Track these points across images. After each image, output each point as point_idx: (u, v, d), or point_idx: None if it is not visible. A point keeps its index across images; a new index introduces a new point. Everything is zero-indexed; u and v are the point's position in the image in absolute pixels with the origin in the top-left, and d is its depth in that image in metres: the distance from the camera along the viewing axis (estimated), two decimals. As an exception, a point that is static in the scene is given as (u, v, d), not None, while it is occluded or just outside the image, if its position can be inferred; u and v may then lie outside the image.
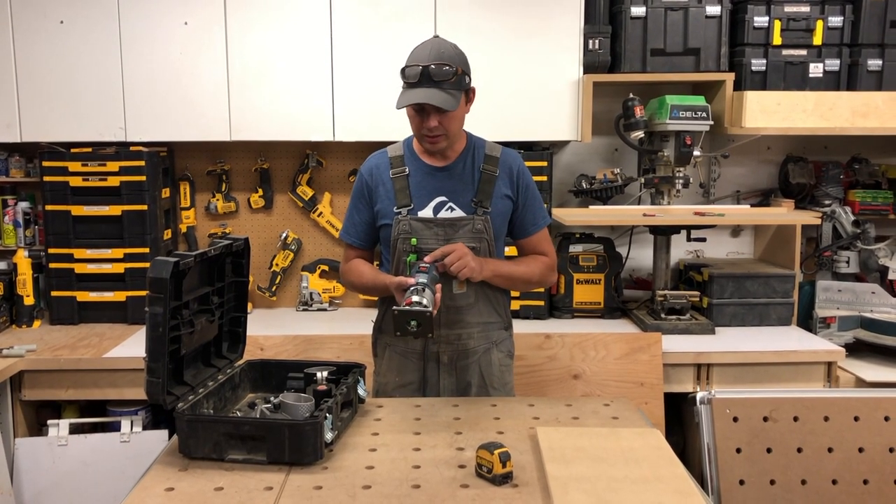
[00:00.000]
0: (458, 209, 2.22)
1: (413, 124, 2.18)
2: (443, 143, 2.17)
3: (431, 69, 2.06)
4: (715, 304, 3.22)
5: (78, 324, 3.28)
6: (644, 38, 3.21)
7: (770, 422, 2.57)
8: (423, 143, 2.21)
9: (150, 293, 1.73)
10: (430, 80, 2.06)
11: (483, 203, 2.21)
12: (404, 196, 2.22)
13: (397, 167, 2.25)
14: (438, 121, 2.11)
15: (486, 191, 2.22)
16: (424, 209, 2.21)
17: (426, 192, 2.23)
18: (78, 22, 3.15)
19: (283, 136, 3.24)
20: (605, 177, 3.39)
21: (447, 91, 2.07)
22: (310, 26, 3.17)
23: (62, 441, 2.81)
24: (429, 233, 2.20)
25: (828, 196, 3.46)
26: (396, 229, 2.20)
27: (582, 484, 1.62)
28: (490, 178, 2.23)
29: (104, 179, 3.21)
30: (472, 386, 2.28)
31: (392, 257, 2.23)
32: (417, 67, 2.07)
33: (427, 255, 2.11)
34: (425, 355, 2.27)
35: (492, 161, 2.25)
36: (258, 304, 3.60)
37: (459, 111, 2.15)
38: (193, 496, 1.61)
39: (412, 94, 2.08)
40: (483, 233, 2.21)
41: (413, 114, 2.14)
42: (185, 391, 1.89)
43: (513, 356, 2.39)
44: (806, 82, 3.24)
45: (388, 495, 1.61)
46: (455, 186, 2.23)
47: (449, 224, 2.20)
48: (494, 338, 2.31)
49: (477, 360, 2.29)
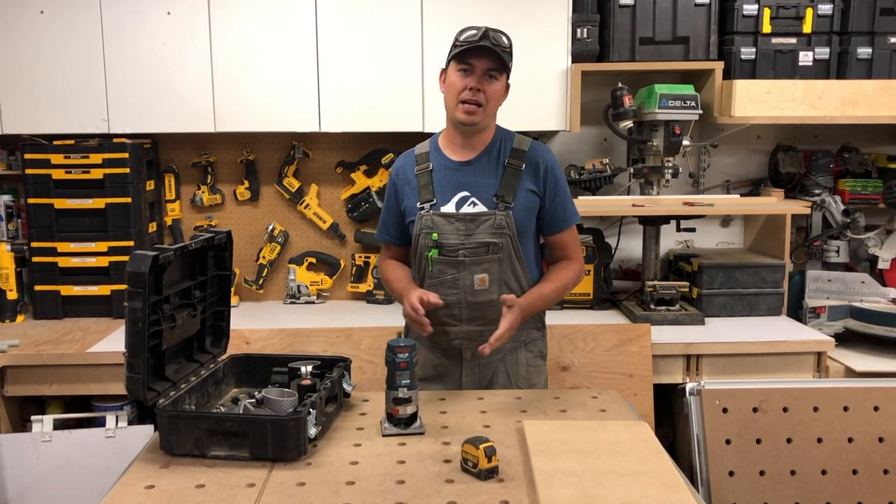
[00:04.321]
0: (480, 204, 2.19)
1: (454, 90, 2.14)
2: (478, 116, 2.14)
3: (492, 33, 2.09)
4: (704, 294, 3.21)
5: (62, 318, 3.25)
6: (633, 27, 3.18)
7: (759, 412, 2.56)
8: (457, 115, 2.15)
9: (129, 288, 1.70)
10: (489, 41, 2.08)
11: (505, 198, 2.18)
12: (427, 191, 2.20)
13: (422, 163, 2.24)
14: (483, 88, 2.10)
15: (510, 185, 2.18)
16: (447, 204, 2.19)
17: (450, 187, 2.20)
18: (58, 12, 3.10)
19: (268, 126, 3.20)
20: (594, 167, 3.37)
21: (503, 55, 2.10)
22: (295, 15, 3.13)
23: (46, 437, 2.78)
24: (450, 228, 2.17)
25: (817, 185, 3.44)
26: (419, 225, 2.19)
27: (568, 478, 1.60)
28: (515, 172, 2.19)
29: (87, 172, 3.17)
30: (496, 385, 2.25)
31: (414, 253, 2.22)
32: (480, 29, 2.09)
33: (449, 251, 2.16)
34: (449, 352, 2.25)
35: (518, 155, 2.21)
36: (245, 298, 3.57)
37: (500, 91, 2.17)
38: (174, 493, 1.59)
39: (473, 48, 2.08)
40: (505, 228, 2.17)
41: (457, 79, 2.12)
42: (166, 387, 1.86)
43: (545, 357, 2.35)
44: (795, 71, 3.22)
45: (371, 491, 1.59)
46: (478, 181, 2.20)
47: (470, 219, 2.17)
48: (523, 337, 2.27)
49: (502, 358, 2.25)
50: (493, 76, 2.12)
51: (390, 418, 1.90)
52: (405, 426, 1.89)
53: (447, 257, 2.17)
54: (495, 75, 2.12)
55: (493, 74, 2.12)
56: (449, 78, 2.16)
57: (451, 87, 2.15)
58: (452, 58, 2.13)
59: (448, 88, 2.17)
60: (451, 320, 2.21)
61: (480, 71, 2.10)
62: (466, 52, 2.09)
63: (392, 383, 1.88)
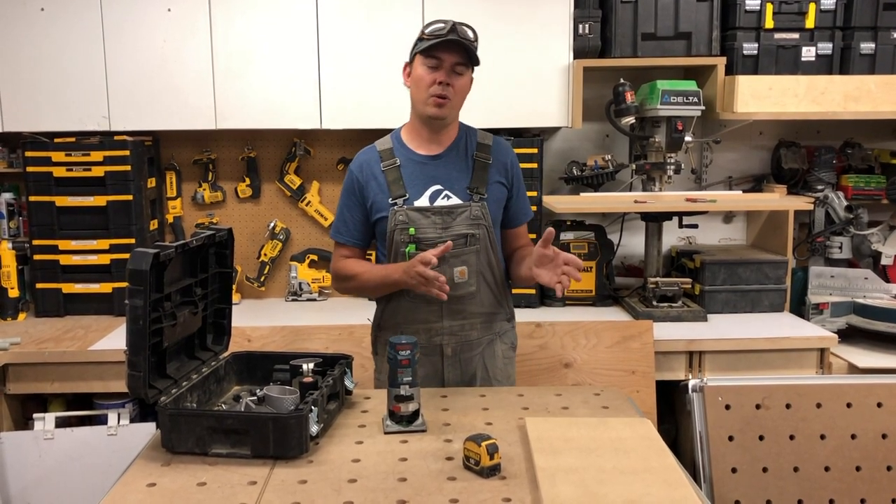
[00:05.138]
0: (454, 196, 2.19)
1: (422, 84, 2.13)
2: (447, 110, 2.14)
3: (459, 27, 2.09)
4: (707, 290, 3.20)
5: (63, 316, 3.25)
6: (635, 23, 3.17)
7: (762, 409, 2.56)
8: (426, 109, 2.14)
9: (130, 285, 1.70)
10: (457, 35, 2.07)
11: (479, 189, 2.19)
12: (398, 187, 2.18)
13: (388, 159, 2.21)
14: (451, 82, 2.10)
15: (481, 177, 2.20)
16: (420, 198, 2.18)
17: (420, 181, 2.19)
18: (59, 9, 3.10)
19: (269, 124, 3.20)
20: (596, 163, 3.36)
21: (471, 50, 2.11)
22: (295, 12, 3.12)
23: (48, 435, 2.78)
24: (426, 222, 2.16)
25: (820, 181, 3.43)
26: (393, 220, 2.17)
27: (570, 475, 1.60)
28: (484, 164, 2.21)
29: (88, 170, 3.17)
30: (476, 379, 2.26)
31: (389, 250, 2.20)
32: (448, 22, 2.08)
33: (424, 245, 2.12)
34: (429, 349, 2.23)
35: (484, 149, 2.23)
36: (247, 295, 3.57)
37: (467, 85, 2.17)
38: (176, 492, 1.58)
39: (441, 41, 2.07)
40: (481, 219, 2.18)
41: (424, 73, 2.11)
42: (167, 385, 1.85)
43: (515, 348, 2.37)
44: (798, 66, 3.22)
45: (373, 489, 1.59)
46: (450, 174, 2.20)
47: (446, 212, 2.17)
48: (497, 329, 2.29)
49: (481, 352, 2.26)
50: (459, 70, 2.12)
51: (392, 416, 1.89)
52: (407, 423, 1.88)
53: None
54: (462, 70, 2.12)
55: (460, 69, 2.12)
56: (416, 72, 2.14)
57: (418, 82, 2.14)
58: (419, 52, 2.12)
59: (415, 83, 2.15)
60: (432, 317, 2.20)
61: (448, 65, 2.10)
62: (434, 47, 2.08)
63: (394, 381, 1.87)
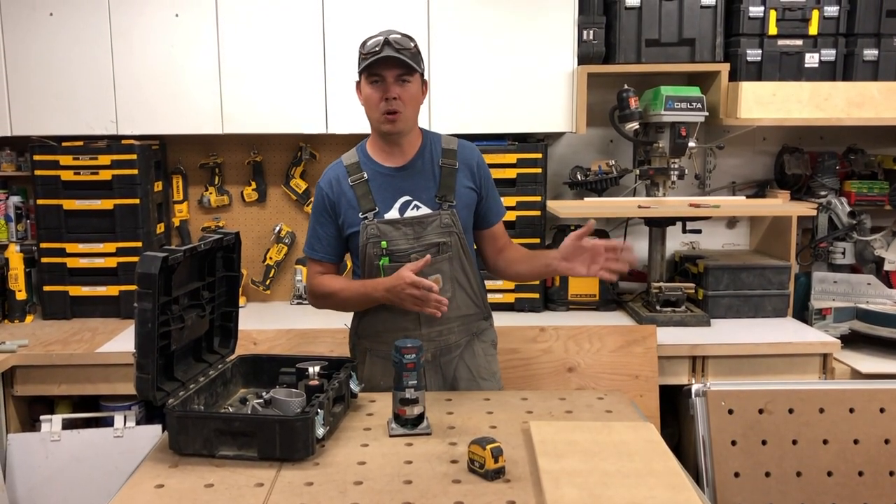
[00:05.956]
0: (423, 206, 2.20)
1: (371, 103, 2.13)
2: (401, 123, 2.13)
3: (392, 37, 2.08)
4: (710, 295, 3.21)
5: (70, 318, 3.27)
6: (639, 29, 3.18)
7: (765, 414, 2.56)
8: (381, 127, 2.15)
9: (139, 288, 1.71)
10: (393, 49, 2.07)
11: (447, 197, 2.20)
12: (367, 201, 2.19)
13: (355, 174, 2.21)
14: (398, 94, 2.09)
15: (449, 185, 2.21)
16: (390, 211, 2.19)
17: (389, 193, 2.20)
18: (68, 14, 3.12)
19: (275, 128, 3.22)
20: (600, 168, 3.38)
21: (409, 60, 2.09)
22: (301, 18, 3.14)
23: (55, 436, 2.80)
24: (397, 234, 2.17)
25: (823, 187, 3.44)
26: (364, 235, 2.17)
27: (574, 478, 1.61)
28: (450, 171, 2.22)
29: (96, 173, 3.19)
30: (460, 380, 2.27)
31: (362, 264, 2.20)
32: (379, 38, 2.08)
33: (397, 256, 2.14)
34: None
35: (450, 154, 2.24)
36: (252, 298, 3.59)
37: (417, 93, 2.15)
38: (184, 493, 1.60)
39: (377, 59, 2.07)
40: (451, 226, 2.19)
41: (371, 92, 2.12)
42: (175, 387, 1.87)
43: (496, 345, 2.39)
44: (801, 72, 3.23)
45: (379, 491, 1.60)
46: (417, 184, 2.21)
47: (417, 222, 2.18)
48: (474, 329, 2.31)
49: (460, 353, 2.28)
50: (405, 80, 2.11)
51: (397, 419, 1.91)
52: (412, 427, 1.90)
53: (399, 263, 2.15)
54: (407, 79, 2.11)
55: (405, 79, 2.11)
56: (364, 91, 2.15)
57: (368, 100, 2.15)
58: (361, 70, 2.13)
59: (366, 101, 2.16)
60: (410, 325, 2.21)
61: (392, 78, 2.09)
62: (373, 64, 2.08)
63: (399, 384, 1.89)
